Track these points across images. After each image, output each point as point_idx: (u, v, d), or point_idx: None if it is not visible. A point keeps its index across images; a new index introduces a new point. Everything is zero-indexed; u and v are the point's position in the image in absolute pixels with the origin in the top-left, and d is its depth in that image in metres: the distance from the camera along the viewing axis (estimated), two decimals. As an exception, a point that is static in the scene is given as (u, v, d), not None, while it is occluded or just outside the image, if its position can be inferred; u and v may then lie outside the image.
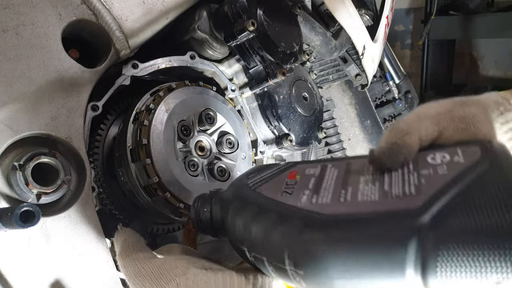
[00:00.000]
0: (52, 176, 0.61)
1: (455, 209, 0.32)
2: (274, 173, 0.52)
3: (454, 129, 0.44)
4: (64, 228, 0.60)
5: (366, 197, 0.39)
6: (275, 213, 0.42)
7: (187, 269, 0.48)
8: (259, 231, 0.42)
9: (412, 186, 0.38)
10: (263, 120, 0.93)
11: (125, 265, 0.52)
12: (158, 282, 0.48)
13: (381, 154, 0.43)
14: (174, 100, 0.75)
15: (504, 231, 0.29)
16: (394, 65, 1.87)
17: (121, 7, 0.68)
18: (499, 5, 3.22)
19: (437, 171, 0.39)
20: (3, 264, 0.55)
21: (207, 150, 0.79)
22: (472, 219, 0.31)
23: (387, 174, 0.42)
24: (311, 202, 0.41)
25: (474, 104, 0.45)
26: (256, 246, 0.43)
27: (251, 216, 0.44)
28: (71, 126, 0.63)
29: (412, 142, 0.43)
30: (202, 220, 0.54)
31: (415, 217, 0.33)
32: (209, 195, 0.56)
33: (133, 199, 0.75)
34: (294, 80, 0.97)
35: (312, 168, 0.49)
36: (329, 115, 1.47)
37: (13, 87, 0.57)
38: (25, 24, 0.59)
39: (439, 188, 0.35)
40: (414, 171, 0.40)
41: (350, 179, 0.44)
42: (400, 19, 3.93)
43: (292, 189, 0.45)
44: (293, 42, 0.89)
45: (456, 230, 0.31)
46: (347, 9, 1.04)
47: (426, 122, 0.44)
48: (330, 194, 0.41)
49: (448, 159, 0.40)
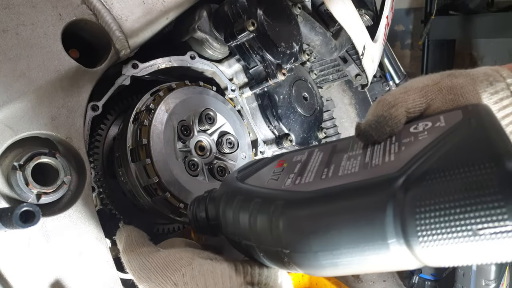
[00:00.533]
0: (52, 176, 0.61)
1: (432, 170, 0.31)
2: (262, 164, 0.52)
3: (442, 100, 0.43)
4: (64, 228, 0.60)
5: (347, 170, 0.39)
6: (260, 198, 0.42)
7: (192, 259, 0.48)
8: (246, 218, 0.42)
9: (392, 154, 0.38)
10: (263, 120, 0.93)
11: (130, 260, 0.52)
12: (164, 273, 0.47)
13: (368, 127, 0.43)
14: (174, 100, 0.75)
15: (479, 186, 0.29)
16: (394, 65, 1.87)
17: (121, 7, 0.68)
18: (499, 5, 3.22)
19: (417, 137, 0.38)
20: (3, 264, 0.55)
21: (207, 150, 0.79)
22: (449, 178, 0.30)
23: (370, 147, 0.42)
24: (295, 184, 0.41)
25: (462, 76, 0.44)
26: (245, 233, 0.43)
27: (239, 205, 0.44)
28: (71, 126, 0.63)
29: (398, 114, 0.43)
30: (198, 221, 0.55)
31: (391, 182, 0.33)
32: (203, 195, 0.56)
33: (133, 199, 0.75)
34: (294, 80, 0.97)
35: (299, 155, 0.49)
36: (329, 115, 1.47)
37: (13, 87, 0.57)
38: (25, 24, 0.59)
39: (417, 152, 0.34)
40: (396, 141, 0.40)
41: (334, 158, 0.44)
42: (400, 19, 3.93)
43: (278, 176, 0.45)
44: (293, 42, 0.89)
45: (433, 189, 0.30)
46: (347, 9, 1.04)
47: (413, 94, 0.44)
48: (313, 174, 0.42)
49: (430, 125, 0.39)
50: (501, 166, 0.28)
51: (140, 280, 0.49)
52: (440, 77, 0.45)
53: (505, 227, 0.28)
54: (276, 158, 0.53)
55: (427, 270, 2.26)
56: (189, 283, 0.45)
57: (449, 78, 0.44)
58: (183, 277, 0.46)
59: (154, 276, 0.47)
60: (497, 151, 0.29)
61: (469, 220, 0.29)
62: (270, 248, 0.40)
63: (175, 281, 0.46)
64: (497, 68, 0.44)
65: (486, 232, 0.28)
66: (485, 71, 0.44)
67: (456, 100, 0.42)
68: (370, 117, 0.44)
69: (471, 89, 0.42)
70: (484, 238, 0.29)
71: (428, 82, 0.45)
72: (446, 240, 0.30)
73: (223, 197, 0.48)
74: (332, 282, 2.16)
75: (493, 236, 0.28)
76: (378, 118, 0.43)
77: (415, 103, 0.44)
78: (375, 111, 0.44)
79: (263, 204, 0.41)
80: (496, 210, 0.28)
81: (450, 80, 0.44)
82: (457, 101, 0.42)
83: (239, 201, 0.44)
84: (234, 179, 0.49)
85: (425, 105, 0.44)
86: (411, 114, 0.44)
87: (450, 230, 0.29)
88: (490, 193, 0.28)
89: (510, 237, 0.28)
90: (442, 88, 0.43)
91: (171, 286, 0.46)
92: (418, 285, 2.27)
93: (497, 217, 0.28)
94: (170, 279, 0.46)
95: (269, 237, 0.40)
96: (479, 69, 0.45)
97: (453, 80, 0.43)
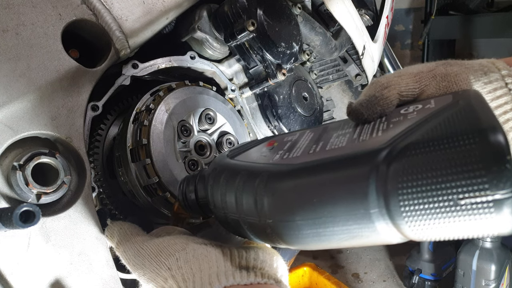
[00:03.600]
0: (52, 176, 0.61)
1: (415, 143, 0.31)
2: (254, 144, 0.53)
3: (435, 87, 0.43)
4: (64, 228, 0.60)
5: (334, 145, 0.39)
6: (247, 171, 0.42)
7: (186, 244, 0.47)
8: (232, 191, 0.42)
9: (380, 131, 0.38)
10: (263, 120, 0.93)
11: (125, 250, 0.52)
12: (158, 259, 0.47)
13: (359, 105, 0.43)
14: (174, 100, 0.75)
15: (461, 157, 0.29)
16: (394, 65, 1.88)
17: (121, 7, 0.68)
18: (499, 5, 3.22)
19: (406, 117, 0.38)
20: (3, 264, 0.55)
21: (207, 150, 0.79)
22: (432, 150, 0.30)
23: (360, 126, 0.42)
24: (282, 158, 0.41)
25: (458, 64, 0.44)
26: (231, 207, 0.43)
27: (226, 179, 0.44)
28: (71, 126, 0.63)
29: (390, 95, 0.43)
30: (188, 200, 0.54)
31: (375, 155, 0.32)
32: (193, 174, 0.56)
33: (133, 199, 0.75)
34: (294, 80, 0.97)
35: (290, 136, 0.49)
36: (329, 115, 1.47)
37: (13, 87, 0.57)
38: (25, 24, 0.59)
39: (404, 128, 0.34)
40: (386, 120, 0.41)
41: (324, 136, 0.44)
42: (400, 19, 3.93)
43: (267, 153, 0.46)
44: (293, 42, 0.89)
45: (416, 162, 0.30)
46: (347, 9, 1.04)
47: (406, 78, 0.44)
48: (301, 150, 0.42)
49: (420, 107, 0.40)
50: (484, 138, 0.28)
51: (135, 268, 0.49)
52: (435, 65, 0.45)
53: (485, 197, 0.28)
54: (267, 139, 0.53)
55: (427, 270, 2.26)
56: (183, 267, 0.44)
57: (444, 66, 0.44)
58: (177, 262, 0.45)
59: (148, 262, 0.47)
60: (482, 125, 0.29)
61: (451, 190, 0.29)
62: (254, 220, 0.40)
63: (169, 265, 0.45)
64: (493, 60, 0.44)
65: (468, 202, 0.28)
66: (481, 62, 0.44)
67: (450, 87, 0.42)
68: (362, 96, 0.44)
69: (465, 77, 0.42)
70: (466, 209, 0.28)
71: (423, 68, 0.45)
72: (429, 213, 0.30)
73: (211, 173, 0.48)
74: (332, 282, 2.16)
75: (474, 206, 0.28)
76: (370, 98, 0.43)
77: (408, 87, 0.44)
78: (368, 91, 0.44)
79: (249, 177, 0.41)
80: (477, 180, 0.28)
81: (445, 67, 0.44)
82: (451, 88, 0.42)
83: (226, 175, 0.44)
84: (224, 157, 0.49)
85: (418, 90, 0.44)
86: (404, 98, 0.44)
87: (432, 202, 0.29)
88: (472, 163, 0.28)
89: (491, 208, 0.28)
90: (436, 75, 0.44)
91: (165, 271, 0.45)
92: (418, 285, 2.27)
93: (478, 187, 0.28)
94: (164, 264, 0.46)
95: (253, 209, 0.40)
96: (475, 60, 0.45)
97: (447, 68, 0.44)
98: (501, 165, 0.27)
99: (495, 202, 0.27)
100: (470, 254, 1.98)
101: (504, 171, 0.27)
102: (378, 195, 0.31)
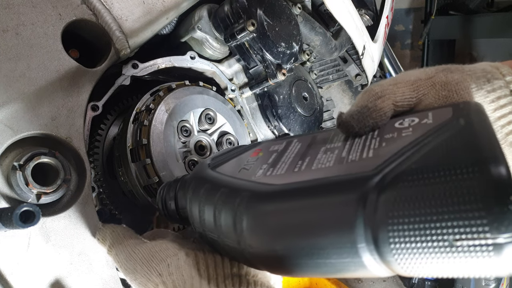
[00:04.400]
0: (52, 176, 0.61)
1: (409, 172, 0.28)
2: (238, 152, 0.49)
3: (435, 96, 0.40)
4: (64, 228, 0.60)
5: (321, 164, 0.35)
6: (227, 188, 0.38)
7: (178, 250, 0.46)
8: (211, 209, 0.39)
9: (371, 150, 0.34)
10: (263, 120, 0.93)
11: (117, 253, 0.51)
12: (149, 264, 0.46)
13: (349, 117, 0.40)
14: (174, 100, 0.75)
15: (458, 192, 0.25)
16: (394, 65, 1.88)
17: (121, 7, 0.68)
18: (499, 5, 3.22)
19: (401, 134, 0.34)
20: (3, 264, 0.55)
21: (207, 150, 0.79)
22: (428, 182, 0.27)
23: (350, 141, 0.38)
24: (265, 175, 0.38)
25: (459, 71, 0.40)
26: (209, 225, 0.40)
27: (205, 194, 0.41)
28: (71, 126, 0.63)
29: (384, 106, 0.39)
30: (167, 209, 0.51)
31: (364, 182, 0.29)
32: (174, 179, 0.53)
33: (133, 199, 0.75)
34: (294, 80, 0.97)
35: (277, 145, 0.46)
36: (329, 115, 1.47)
37: (13, 87, 0.57)
38: (25, 24, 0.59)
39: (397, 150, 0.31)
40: (378, 136, 0.37)
41: (311, 150, 0.40)
42: (400, 19, 3.93)
43: (251, 166, 0.42)
44: (293, 42, 0.89)
45: (409, 194, 0.27)
46: (347, 9, 1.04)
47: (403, 87, 0.41)
48: (287, 166, 0.38)
49: (416, 122, 0.36)
50: (485, 172, 0.25)
51: (127, 272, 0.48)
52: (435, 71, 0.42)
53: (484, 240, 0.24)
54: (253, 147, 0.50)
55: (427, 270, 2.27)
56: (174, 273, 0.43)
57: (444, 73, 0.41)
58: (168, 267, 0.44)
59: (139, 267, 0.46)
60: (482, 155, 0.26)
61: (446, 230, 0.26)
62: (233, 243, 0.37)
63: (160, 271, 0.44)
64: (497, 65, 0.40)
65: (464, 244, 0.25)
66: (484, 67, 0.40)
67: (450, 97, 0.39)
68: (354, 107, 0.41)
69: (466, 85, 0.39)
70: (462, 250, 0.25)
71: (421, 75, 0.41)
72: (420, 251, 0.27)
73: (192, 184, 0.45)
74: (332, 282, 2.16)
75: (471, 249, 0.25)
76: (362, 109, 0.40)
77: (404, 97, 0.40)
78: (360, 101, 0.41)
79: (229, 195, 0.37)
80: (476, 221, 0.24)
81: (445, 75, 0.40)
82: (451, 98, 0.39)
83: (206, 190, 0.41)
84: (206, 166, 0.46)
85: (415, 99, 0.41)
86: (399, 108, 0.41)
87: (425, 241, 0.26)
88: (471, 202, 0.25)
89: (490, 251, 0.25)
90: (436, 83, 0.40)
91: (156, 277, 0.44)
92: (418, 285, 2.27)
93: (477, 229, 0.25)
94: (155, 269, 0.45)
95: (232, 232, 0.36)
96: (477, 65, 0.41)
97: (448, 76, 0.40)
98: (504, 206, 0.24)
99: (495, 246, 0.24)
100: (470, 254, 1.99)
101: (506, 213, 0.24)
102: (365, 228, 0.28)
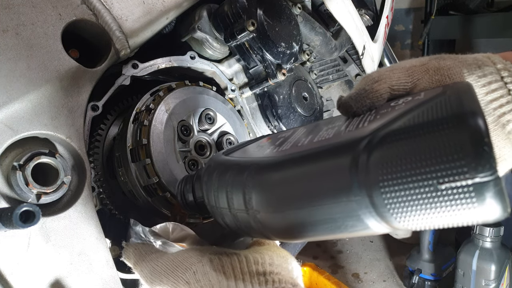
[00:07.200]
0: (52, 176, 0.61)
1: (395, 131, 0.31)
2: (249, 142, 0.54)
3: (428, 81, 0.43)
4: (64, 228, 0.60)
5: (321, 137, 0.39)
6: (237, 165, 0.43)
7: (201, 256, 0.47)
8: (223, 186, 0.43)
9: (366, 122, 0.38)
10: (263, 120, 0.93)
11: (142, 269, 0.52)
12: (175, 274, 0.47)
13: (348, 98, 0.43)
14: (174, 100, 0.75)
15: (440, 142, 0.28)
16: (394, 65, 1.87)
17: (121, 7, 0.68)
18: (499, 5, 3.22)
19: (394, 108, 0.38)
20: (3, 264, 0.55)
21: (207, 150, 0.79)
22: (412, 136, 0.29)
23: (350, 119, 0.42)
24: (272, 152, 0.42)
25: (451, 58, 0.44)
26: (223, 202, 0.43)
27: (218, 175, 0.45)
28: (71, 126, 0.63)
29: (381, 88, 0.43)
30: (186, 200, 0.55)
31: (356, 144, 0.32)
32: (190, 174, 0.57)
33: (133, 199, 0.75)
34: (294, 80, 0.97)
35: (284, 133, 0.50)
36: (329, 115, 1.47)
37: (13, 87, 0.57)
38: (25, 24, 0.59)
39: (389, 118, 0.34)
40: (374, 113, 0.40)
41: (314, 130, 0.44)
42: (400, 19, 3.93)
43: (260, 148, 0.47)
44: (293, 42, 0.89)
45: (396, 150, 0.30)
46: (347, 9, 1.04)
47: (398, 72, 0.44)
48: (291, 144, 0.42)
49: (409, 99, 0.39)
50: (462, 122, 0.28)
51: (153, 285, 0.49)
52: (428, 59, 0.45)
53: (465, 180, 0.27)
54: (264, 137, 0.55)
55: (427, 270, 2.26)
56: (202, 280, 0.45)
57: (437, 60, 0.44)
58: (195, 275, 0.45)
59: (166, 278, 0.47)
60: (461, 110, 0.29)
61: (431, 175, 0.28)
62: (244, 213, 0.41)
63: (187, 279, 0.45)
64: (488, 55, 0.43)
65: (448, 186, 0.28)
66: (475, 56, 0.43)
67: (443, 81, 0.42)
68: (353, 90, 0.44)
69: (458, 71, 0.41)
70: (447, 194, 0.28)
71: (415, 63, 0.45)
72: (412, 203, 0.29)
73: (206, 170, 0.49)
74: (332, 282, 2.16)
75: (455, 191, 0.28)
76: (360, 91, 0.43)
77: (399, 81, 0.44)
78: (358, 85, 0.45)
79: (239, 171, 0.42)
80: (456, 163, 0.27)
81: (438, 61, 0.43)
82: (444, 81, 0.42)
83: (218, 171, 0.45)
84: (220, 154, 0.50)
85: (410, 84, 0.44)
86: (395, 92, 0.44)
87: (413, 188, 0.29)
88: (450, 147, 0.28)
89: (472, 193, 0.27)
90: (429, 69, 0.43)
91: (183, 285, 0.46)
92: (418, 285, 2.27)
93: (457, 170, 0.27)
94: (181, 278, 0.46)
95: (242, 203, 0.40)
96: (469, 55, 0.44)
97: (440, 62, 0.43)
98: (479, 147, 0.27)
99: (475, 187, 0.27)
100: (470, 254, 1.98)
101: (482, 153, 0.26)
102: (360, 185, 0.31)
